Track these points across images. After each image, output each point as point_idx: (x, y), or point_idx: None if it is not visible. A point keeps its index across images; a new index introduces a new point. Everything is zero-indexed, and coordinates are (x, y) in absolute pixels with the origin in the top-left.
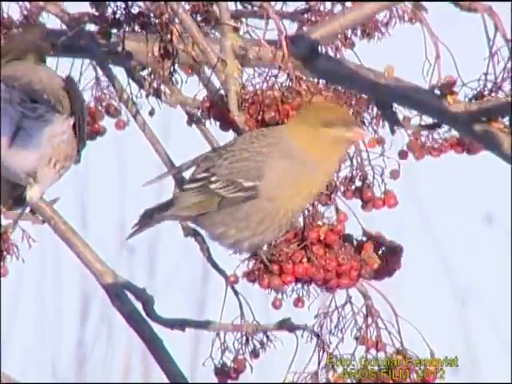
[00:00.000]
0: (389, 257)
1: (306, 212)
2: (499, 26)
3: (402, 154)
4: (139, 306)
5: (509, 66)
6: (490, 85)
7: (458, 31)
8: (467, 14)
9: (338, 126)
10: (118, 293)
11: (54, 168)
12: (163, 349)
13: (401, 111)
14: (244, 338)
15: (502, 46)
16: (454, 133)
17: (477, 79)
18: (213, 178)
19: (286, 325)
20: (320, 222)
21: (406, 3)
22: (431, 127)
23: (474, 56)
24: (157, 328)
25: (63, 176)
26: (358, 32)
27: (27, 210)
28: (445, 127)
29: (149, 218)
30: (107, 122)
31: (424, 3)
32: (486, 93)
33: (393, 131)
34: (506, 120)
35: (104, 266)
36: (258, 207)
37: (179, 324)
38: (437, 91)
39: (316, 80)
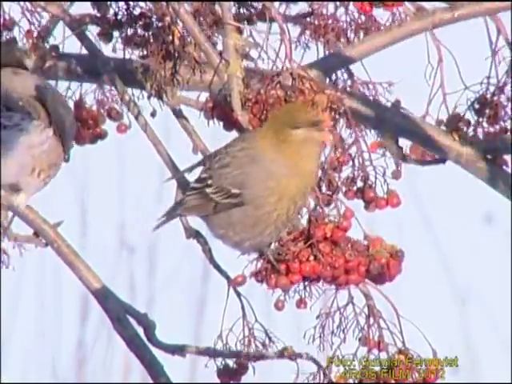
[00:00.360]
0: (390, 261)
1: (312, 211)
2: (501, 29)
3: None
4: (140, 330)
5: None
6: (492, 88)
7: (460, 34)
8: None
9: (307, 127)
10: (119, 317)
11: (39, 177)
12: (163, 374)
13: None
14: (246, 339)
15: (504, 48)
16: None
17: (479, 82)
18: (209, 181)
19: (287, 353)
20: (326, 220)
21: (408, 4)
22: (436, 163)
23: (477, 59)
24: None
25: (48, 183)
26: (361, 35)
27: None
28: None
29: (174, 211)
30: (109, 125)
31: (426, 6)
32: (489, 96)
33: (398, 166)
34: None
35: (106, 289)
36: (247, 213)
37: (180, 349)
38: (442, 127)
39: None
